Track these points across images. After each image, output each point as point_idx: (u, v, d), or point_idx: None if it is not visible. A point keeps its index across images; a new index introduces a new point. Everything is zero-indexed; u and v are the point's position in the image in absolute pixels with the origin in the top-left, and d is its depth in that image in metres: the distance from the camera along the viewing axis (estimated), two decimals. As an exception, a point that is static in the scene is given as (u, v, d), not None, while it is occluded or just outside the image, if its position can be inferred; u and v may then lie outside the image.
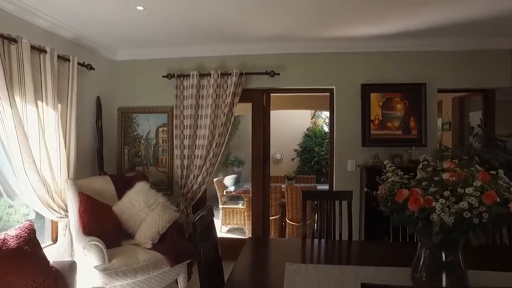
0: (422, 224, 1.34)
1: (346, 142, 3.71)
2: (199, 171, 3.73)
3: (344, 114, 3.73)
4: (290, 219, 4.74)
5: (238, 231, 5.60)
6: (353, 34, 3.43)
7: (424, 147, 3.53)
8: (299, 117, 8.09)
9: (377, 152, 3.54)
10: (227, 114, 3.70)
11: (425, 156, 1.53)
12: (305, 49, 3.73)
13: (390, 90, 3.60)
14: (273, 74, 3.72)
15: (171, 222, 3.04)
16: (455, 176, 1.35)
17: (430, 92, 3.58)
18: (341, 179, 3.72)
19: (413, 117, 3.57)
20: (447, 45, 3.55)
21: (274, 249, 2.19)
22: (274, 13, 2.91)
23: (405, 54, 3.64)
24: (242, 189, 5.54)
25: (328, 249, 2.15)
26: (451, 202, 1.27)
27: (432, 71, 3.62)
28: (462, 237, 1.38)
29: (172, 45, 3.80)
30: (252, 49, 3.78)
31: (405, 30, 3.29)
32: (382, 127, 3.60)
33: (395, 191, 1.44)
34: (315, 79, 3.77)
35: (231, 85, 3.69)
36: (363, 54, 3.69)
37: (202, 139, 3.73)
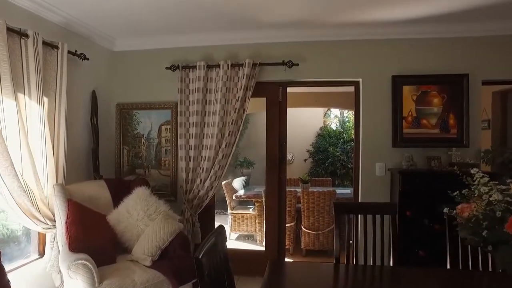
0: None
1: (374, 142, 3.26)
2: (207, 175, 3.30)
3: (371, 110, 3.28)
4: (306, 227, 4.29)
5: (249, 239, 5.18)
6: (382, 18, 2.97)
7: (465, 148, 3.06)
8: (311, 116, 7.65)
9: (411, 154, 3.07)
10: (238, 110, 3.27)
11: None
12: (327, 37, 3.28)
13: (426, 82, 3.13)
14: (291, 65, 3.28)
15: (174, 234, 2.61)
16: None
17: (473, 84, 3.10)
18: (368, 185, 3.27)
19: (453, 114, 3.10)
20: (495, 29, 3.06)
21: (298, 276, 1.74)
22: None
23: (443, 41, 3.16)
24: (253, 192, 5.10)
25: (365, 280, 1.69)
26: None
27: (475, 60, 3.14)
28: None
29: (177, 33, 3.39)
30: (267, 36, 3.34)
31: (442, 13, 2.81)
32: (416, 125, 3.14)
33: (498, 215, 0.99)
34: (339, 70, 3.32)
35: (242, 78, 3.25)
36: (394, 42, 3.23)
37: (210, 139, 3.30)
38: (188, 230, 3.28)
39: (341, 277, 1.73)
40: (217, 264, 1.28)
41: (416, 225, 2.90)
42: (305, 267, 1.95)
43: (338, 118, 8.14)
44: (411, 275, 1.74)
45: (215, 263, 1.25)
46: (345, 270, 1.79)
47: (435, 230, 2.73)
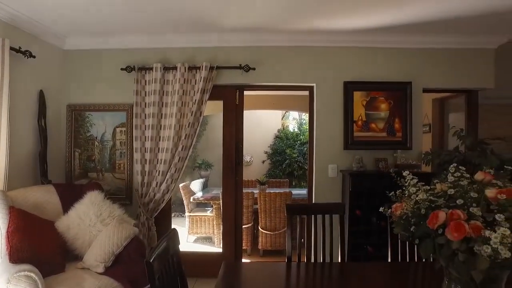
0: (463, 258, 1.02)
1: (327, 145, 3.41)
2: (163, 178, 3.26)
3: (324, 114, 3.42)
4: (263, 228, 4.38)
5: (207, 241, 5.17)
6: (335, 27, 3.13)
7: (409, 150, 3.31)
8: (270, 118, 7.78)
9: (361, 156, 3.26)
10: (195, 113, 3.27)
11: (456, 164, 1.21)
12: (283, 42, 3.38)
13: (375, 88, 3.34)
14: (248, 69, 3.34)
15: (128, 239, 2.56)
16: (504, 192, 1.03)
17: (415, 92, 3.36)
18: (321, 186, 3.41)
19: (398, 118, 3.34)
20: (433, 42, 3.35)
21: (252, 276, 1.80)
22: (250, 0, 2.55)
23: (390, 51, 3.40)
24: (211, 194, 5.10)
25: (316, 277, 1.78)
26: (505, 227, 0.96)
27: (418, 70, 3.41)
28: (507, 272, 1.08)
29: (133, 33, 3.32)
30: (225, 40, 3.37)
31: (390, 25, 3.05)
32: (365, 128, 3.34)
33: (423, 212, 1.11)
34: (294, 75, 3.43)
35: (200, 81, 3.26)
36: (346, 49, 3.41)
37: (167, 141, 3.27)
38: (144, 234, 3.22)
39: (293, 274, 1.81)
40: (170, 268, 1.29)
41: (365, 223, 3.08)
42: (258, 267, 2.00)
43: (296, 120, 8.34)
44: (357, 269, 1.87)
45: (167, 267, 1.26)
46: (296, 268, 1.87)
47: (382, 227, 2.92)
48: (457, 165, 1.21)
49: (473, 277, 1.04)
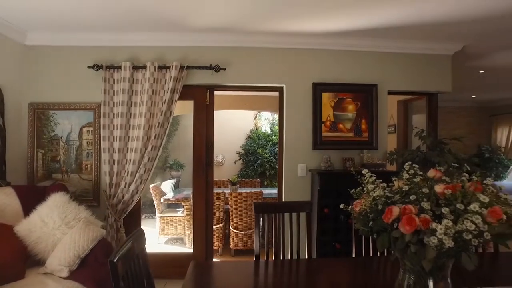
0: (415, 249, 1.09)
1: (296, 145, 3.48)
2: (132, 178, 3.21)
3: (294, 114, 3.50)
4: (234, 228, 4.40)
5: (178, 242, 5.11)
6: (305, 30, 3.21)
7: (375, 150, 3.45)
8: (242, 118, 7.82)
9: (330, 155, 3.36)
10: (165, 113, 3.24)
11: (410, 163, 1.29)
12: (254, 43, 3.42)
13: (342, 90, 3.45)
14: (218, 69, 3.35)
15: (95, 241, 2.50)
16: (450, 188, 1.12)
17: (381, 94, 3.51)
18: (290, 185, 3.48)
19: (365, 119, 3.46)
20: (397, 47, 3.52)
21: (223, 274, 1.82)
22: (221, 0, 2.56)
23: (357, 54, 3.53)
24: (182, 195, 5.06)
25: (284, 273, 1.83)
26: (449, 219, 1.04)
27: (383, 73, 3.56)
28: (452, 260, 1.16)
29: (101, 30, 3.23)
30: (195, 40, 3.37)
31: (358, 29, 3.17)
32: (333, 129, 3.44)
33: (379, 208, 1.18)
34: (264, 76, 3.48)
35: (170, 80, 3.24)
36: (316, 52, 3.50)
37: (136, 141, 3.22)
38: (112, 236, 3.15)
39: (261, 272, 1.84)
40: (135, 268, 1.29)
41: (333, 221, 3.18)
42: (226, 266, 2.03)
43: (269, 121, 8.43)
44: (322, 265, 1.94)
45: (133, 267, 1.26)
46: (265, 266, 1.91)
47: (349, 225, 3.03)
48: (411, 163, 1.29)
49: (423, 266, 1.12)
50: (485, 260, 2.01)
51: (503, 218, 1.05)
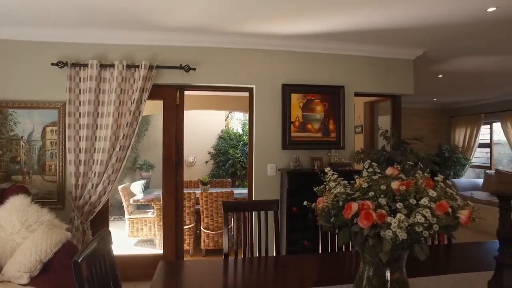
0: (372, 242, 1.16)
1: (266, 144, 3.54)
2: (99, 179, 3.14)
3: (263, 115, 3.55)
4: (205, 228, 4.40)
5: (148, 243, 5.04)
6: (275, 32, 3.27)
7: (342, 149, 3.57)
8: (213, 118, 7.80)
9: (298, 155, 3.44)
10: (134, 113, 3.19)
11: (370, 161, 1.37)
12: (224, 44, 3.45)
13: (311, 91, 3.55)
14: (188, 69, 3.35)
15: (60, 245, 2.42)
16: (404, 184, 1.20)
17: (347, 95, 3.64)
18: (260, 184, 3.53)
19: (332, 120, 3.58)
20: (363, 50, 3.66)
21: (192, 274, 1.83)
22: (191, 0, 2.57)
23: (326, 56, 3.64)
24: (152, 196, 4.99)
25: (252, 270, 1.88)
26: (403, 215, 1.12)
27: (350, 75, 3.69)
28: (407, 251, 1.25)
29: (66, 26, 3.12)
30: (165, 39, 3.34)
31: (326, 32, 3.27)
32: (302, 129, 3.53)
33: (340, 204, 1.24)
34: (234, 76, 3.51)
35: (139, 79, 3.19)
36: (285, 53, 3.57)
37: (103, 141, 3.15)
38: (78, 239, 3.06)
39: (230, 270, 1.87)
40: (101, 269, 1.28)
41: (302, 219, 3.26)
42: (195, 265, 2.04)
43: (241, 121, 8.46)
44: (290, 261, 2.00)
45: (98, 268, 1.25)
46: (234, 263, 1.94)
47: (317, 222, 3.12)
48: (371, 161, 1.36)
49: (381, 258, 1.19)
50: (440, 252, 2.15)
51: (449, 211, 1.14)
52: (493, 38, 3.44)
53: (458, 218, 1.19)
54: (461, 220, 1.19)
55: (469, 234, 3.26)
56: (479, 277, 1.55)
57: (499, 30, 3.21)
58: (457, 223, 1.20)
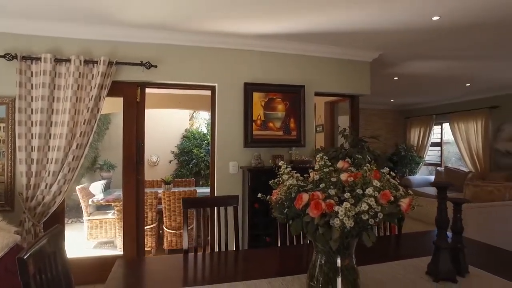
0: (322, 231, 1.23)
1: (228, 143, 3.57)
2: (54, 179, 3.01)
3: (226, 113, 3.58)
4: (168, 227, 4.35)
5: (108, 245, 4.88)
6: (238, 31, 3.31)
7: (303, 147, 3.67)
8: (177, 118, 7.71)
9: (260, 153, 3.50)
10: (92, 110, 3.09)
11: (321, 155, 1.44)
12: (186, 42, 3.43)
13: (272, 90, 3.62)
14: (149, 66, 3.30)
15: (6, 249, 2.29)
16: (352, 176, 1.28)
17: (308, 95, 3.75)
18: (222, 182, 3.55)
19: (293, 118, 3.67)
20: (323, 51, 3.79)
21: (151, 270, 1.82)
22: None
23: (287, 56, 3.73)
24: (113, 196, 4.84)
25: (213, 264, 1.90)
26: (350, 204, 1.19)
27: (310, 75, 3.81)
28: (356, 239, 1.33)
29: (16, 15, 2.94)
30: (126, 35, 3.27)
31: (288, 33, 3.35)
32: (264, 127, 3.59)
33: (293, 196, 1.30)
34: (197, 75, 3.51)
35: (97, 75, 3.10)
36: (248, 52, 3.62)
37: (59, 139, 3.02)
38: (29, 242, 2.92)
39: (190, 265, 1.88)
40: (50, 267, 1.24)
41: (264, 215, 3.32)
42: (155, 262, 2.02)
43: (205, 120, 8.41)
44: (250, 254, 2.05)
45: (48, 266, 1.21)
46: (194, 259, 1.95)
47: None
48: (322, 155, 1.44)
49: (331, 246, 1.26)
50: (391, 241, 2.29)
51: (391, 200, 1.23)
52: (439, 45, 3.70)
53: (399, 206, 1.29)
54: (402, 207, 1.29)
55: (421, 226, 3.49)
56: (423, 262, 1.67)
57: (443, 38, 3.47)
58: (399, 211, 1.30)
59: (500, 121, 6.69)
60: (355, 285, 1.38)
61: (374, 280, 1.56)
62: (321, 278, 1.37)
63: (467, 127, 7.31)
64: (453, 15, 2.89)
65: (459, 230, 1.67)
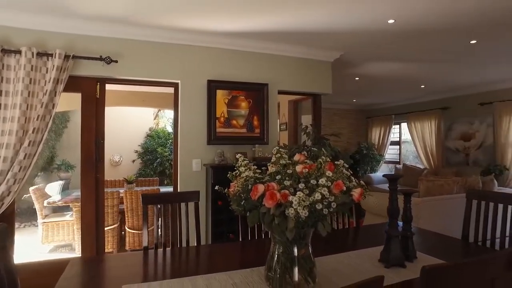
0: (278, 221, 1.26)
1: (191, 140, 3.54)
2: (2, 178, 2.83)
3: (189, 110, 3.55)
4: (130, 227, 4.23)
5: (66, 249, 4.67)
6: (201, 28, 3.29)
7: (266, 145, 3.72)
8: (140, 116, 7.51)
9: (223, 150, 3.50)
10: (46, 105, 2.94)
11: (278, 148, 1.47)
12: (149, 37, 3.36)
13: (236, 88, 3.63)
14: (110, 61, 3.19)
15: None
16: (307, 167, 1.32)
17: (271, 93, 3.80)
18: (186, 180, 3.52)
19: (257, 116, 3.71)
20: (287, 50, 3.86)
21: (108, 268, 1.77)
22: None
23: (251, 54, 3.76)
24: (71, 197, 4.63)
25: (174, 260, 1.88)
26: (305, 194, 1.23)
27: (274, 73, 3.86)
28: (312, 229, 1.37)
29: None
30: (84, 28, 3.14)
31: (252, 31, 3.38)
32: (227, 125, 3.60)
33: (250, 187, 1.32)
34: (159, 71, 3.44)
35: (52, 69, 2.96)
36: (211, 50, 3.61)
37: (8, 136, 2.85)
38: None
39: (151, 260, 1.85)
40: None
41: (227, 212, 3.31)
42: (114, 258, 1.96)
43: (170, 119, 8.26)
44: (212, 249, 2.05)
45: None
46: (154, 255, 1.92)
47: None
48: (278, 148, 1.47)
49: (288, 237, 1.29)
50: (349, 234, 2.38)
51: (344, 189, 1.29)
52: (395, 47, 3.90)
53: (352, 196, 1.35)
54: (354, 197, 1.35)
55: (382, 220, 3.65)
56: (377, 251, 1.76)
57: (399, 41, 3.66)
58: (351, 200, 1.36)
59: (450, 121, 7.15)
60: (312, 273, 1.42)
61: (330, 269, 1.62)
62: (278, 268, 1.40)
63: (422, 126, 7.73)
64: (407, 19, 3.05)
65: (409, 219, 1.77)
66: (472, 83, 6.12)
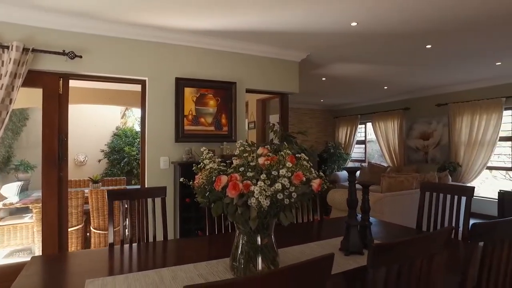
0: (241, 211, 1.31)
1: (159, 138, 3.52)
2: (-44, 177, 2.68)
3: (156, 108, 3.52)
4: (95, 228, 4.11)
5: (24, 253, 4.46)
6: (170, 25, 3.28)
7: (234, 142, 3.75)
8: (107, 115, 7.31)
9: (191, 147, 3.50)
10: (3, 100, 2.83)
11: (242, 141, 1.52)
12: (116, 33, 3.31)
13: (204, 86, 3.65)
14: (73, 56, 3.11)
15: None
16: (269, 159, 1.38)
17: (239, 91, 3.85)
18: (153, 178, 3.49)
19: (225, 114, 3.74)
20: (255, 50, 3.93)
21: (72, 265, 1.74)
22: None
23: (219, 53, 3.79)
24: (31, 198, 4.44)
25: (140, 254, 1.88)
26: (266, 185, 1.29)
27: (242, 72, 3.91)
28: (274, 219, 1.43)
29: None
30: (45, 21, 3.04)
31: (220, 30, 3.42)
32: (195, 122, 3.60)
33: (214, 179, 1.36)
34: (126, 67, 3.39)
35: (9, 62, 2.84)
36: (180, 47, 3.60)
37: (-39, 133, 2.71)
38: None
39: (116, 256, 1.83)
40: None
41: (195, 209, 3.33)
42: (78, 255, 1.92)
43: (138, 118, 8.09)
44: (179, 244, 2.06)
45: None
46: (120, 250, 1.90)
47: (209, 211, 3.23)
48: (242, 141, 1.52)
49: (251, 226, 1.34)
50: (313, 227, 2.47)
51: (303, 180, 1.36)
52: (358, 49, 4.07)
53: (311, 186, 1.42)
54: (313, 187, 1.42)
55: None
56: (338, 240, 1.85)
57: (362, 43, 3.83)
58: (311, 191, 1.44)
59: (411, 121, 7.53)
60: (274, 262, 1.48)
61: (293, 258, 1.69)
62: (242, 258, 1.45)
63: (386, 126, 8.07)
64: (369, 23, 3.21)
65: (367, 209, 1.88)
66: (430, 85, 6.49)
